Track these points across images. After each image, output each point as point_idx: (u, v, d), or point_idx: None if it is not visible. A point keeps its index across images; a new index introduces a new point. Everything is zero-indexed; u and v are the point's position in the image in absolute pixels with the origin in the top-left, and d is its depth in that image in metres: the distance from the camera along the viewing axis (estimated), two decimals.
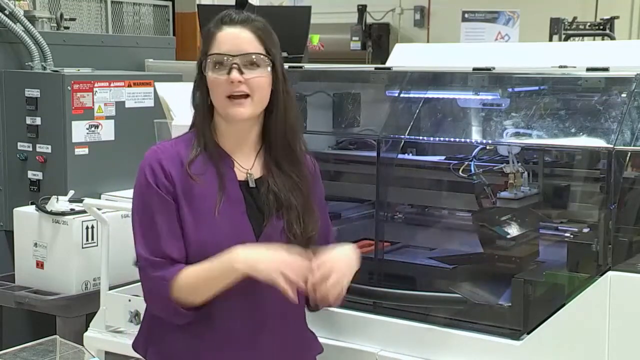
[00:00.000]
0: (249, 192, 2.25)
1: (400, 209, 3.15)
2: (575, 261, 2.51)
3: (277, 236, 2.23)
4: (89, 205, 3.55)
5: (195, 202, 2.18)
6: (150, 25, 6.38)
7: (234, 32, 2.19)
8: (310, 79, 3.25)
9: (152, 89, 4.47)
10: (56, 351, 3.43)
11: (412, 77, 2.95)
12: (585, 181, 2.80)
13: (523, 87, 2.80)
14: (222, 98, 2.18)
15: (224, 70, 2.17)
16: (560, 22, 9.24)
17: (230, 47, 2.18)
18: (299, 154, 2.30)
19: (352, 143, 3.38)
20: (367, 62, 11.40)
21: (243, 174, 2.26)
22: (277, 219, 2.24)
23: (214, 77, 2.18)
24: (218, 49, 2.18)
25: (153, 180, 2.18)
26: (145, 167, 2.21)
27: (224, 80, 2.17)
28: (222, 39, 2.19)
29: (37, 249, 3.95)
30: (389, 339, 2.60)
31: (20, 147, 4.40)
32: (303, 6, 7.82)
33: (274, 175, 2.26)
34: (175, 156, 2.22)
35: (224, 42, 2.19)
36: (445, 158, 3.07)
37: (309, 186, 2.30)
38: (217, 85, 2.18)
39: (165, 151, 2.23)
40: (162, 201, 2.17)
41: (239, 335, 2.22)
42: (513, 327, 2.48)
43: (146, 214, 2.18)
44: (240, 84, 2.16)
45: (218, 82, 2.18)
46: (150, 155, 2.22)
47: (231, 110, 2.18)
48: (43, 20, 4.90)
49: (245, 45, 2.18)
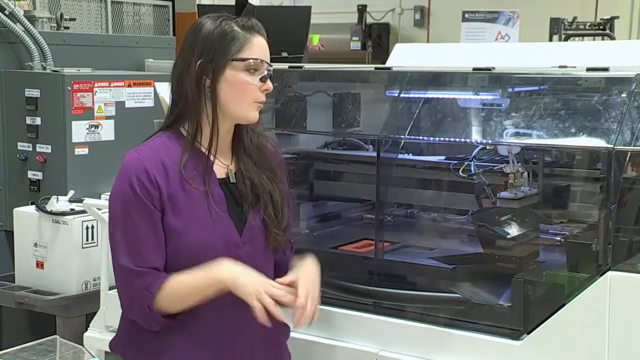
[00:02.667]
0: (228, 188, 2.28)
1: (400, 209, 3.15)
2: (575, 261, 2.51)
3: (257, 230, 2.29)
4: (89, 205, 3.54)
5: (181, 207, 2.19)
6: (150, 25, 6.37)
7: (264, 42, 2.26)
8: (310, 79, 3.25)
9: (152, 89, 4.47)
10: (56, 351, 3.43)
11: (412, 77, 2.96)
12: (585, 181, 2.80)
13: (523, 87, 2.80)
14: (250, 102, 2.23)
15: (257, 76, 2.23)
16: (560, 22, 9.25)
17: (264, 56, 2.25)
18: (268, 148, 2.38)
19: (340, 144, 3.38)
20: (367, 62, 11.41)
21: (223, 171, 2.28)
22: (256, 212, 2.28)
23: (247, 81, 2.21)
24: (254, 54, 2.22)
25: (140, 189, 2.16)
26: (130, 175, 2.18)
27: (258, 86, 2.23)
28: (257, 46, 2.23)
29: (37, 249, 3.95)
30: (389, 339, 2.60)
31: (20, 147, 4.40)
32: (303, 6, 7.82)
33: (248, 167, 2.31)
34: (159, 162, 2.20)
35: (259, 49, 2.23)
36: (445, 158, 3.07)
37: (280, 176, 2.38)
38: (249, 90, 2.22)
39: (147, 157, 2.21)
40: (147, 211, 2.17)
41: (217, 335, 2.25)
42: (513, 327, 2.48)
43: (130, 224, 2.17)
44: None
45: (251, 85, 2.22)
46: (134, 163, 2.19)
47: (253, 114, 2.25)
48: (43, 20, 4.89)
49: (269, 58, 2.27)
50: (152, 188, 2.17)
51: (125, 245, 2.18)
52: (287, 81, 3.13)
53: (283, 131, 3.23)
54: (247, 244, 2.27)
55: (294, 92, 3.18)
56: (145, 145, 2.26)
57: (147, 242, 2.17)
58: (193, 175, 2.21)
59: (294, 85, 3.17)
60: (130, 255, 2.17)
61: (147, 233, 2.17)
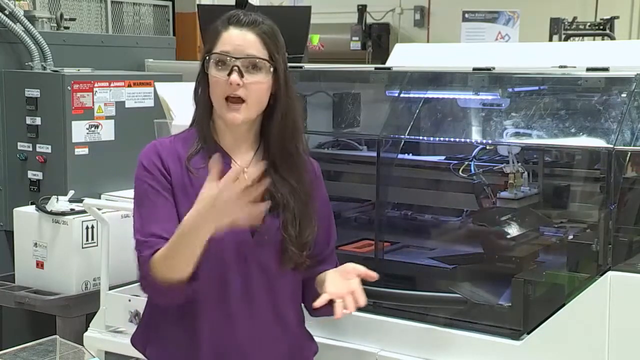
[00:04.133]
0: None
1: (400, 209, 3.15)
2: (575, 261, 2.52)
3: (272, 233, 2.23)
4: (89, 205, 3.54)
5: (192, 198, 2.17)
6: (150, 25, 6.38)
7: (240, 34, 2.20)
8: (310, 79, 3.25)
9: (152, 89, 4.46)
10: (56, 351, 3.43)
11: (412, 77, 2.96)
12: (585, 181, 2.80)
13: (523, 87, 2.80)
14: (220, 99, 2.19)
15: (226, 70, 2.18)
16: (560, 22, 9.24)
17: (233, 48, 2.18)
18: (298, 160, 2.28)
19: (334, 144, 3.38)
20: (367, 62, 11.39)
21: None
22: (272, 217, 2.23)
23: (214, 76, 2.19)
24: (222, 48, 2.19)
25: (151, 168, 2.20)
26: (143, 158, 2.24)
27: (224, 81, 2.17)
28: (227, 39, 2.20)
29: (37, 249, 3.95)
30: (389, 339, 2.61)
31: (20, 147, 4.40)
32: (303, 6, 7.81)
33: (270, 175, 2.21)
34: (174, 152, 2.23)
35: (228, 42, 2.19)
36: (445, 158, 3.07)
37: (308, 192, 2.29)
38: (217, 84, 2.19)
39: (164, 146, 2.26)
40: (159, 187, 2.19)
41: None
42: (513, 327, 2.48)
43: (143, 200, 2.20)
44: (238, 87, 2.16)
45: (218, 81, 2.18)
46: (149, 149, 2.25)
47: (227, 114, 2.19)
48: (43, 20, 4.89)
49: (248, 49, 2.19)
50: (163, 169, 2.20)
51: (140, 219, 2.19)
52: None
53: None
54: (259, 246, 2.23)
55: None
56: (168, 137, 2.33)
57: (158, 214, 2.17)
58: (203, 168, 2.17)
59: (294, 86, 3.16)
60: (140, 227, 2.18)
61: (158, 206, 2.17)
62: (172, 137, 2.34)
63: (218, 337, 2.23)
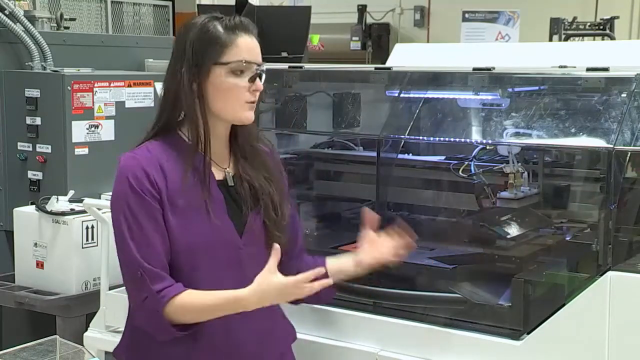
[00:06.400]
0: (227, 190, 2.26)
1: (400, 209, 3.15)
2: (575, 261, 2.52)
3: (258, 231, 2.27)
4: (89, 205, 3.54)
5: (179, 206, 2.18)
6: (150, 25, 6.37)
7: (251, 41, 2.22)
8: (310, 79, 3.25)
9: (152, 89, 4.47)
10: (56, 351, 3.43)
11: (412, 77, 2.96)
12: (585, 181, 2.80)
13: (523, 87, 2.80)
14: (239, 103, 2.20)
15: (245, 77, 2.19)
16: (560, 22, 9.24)
17: (253, 56, 2.21)
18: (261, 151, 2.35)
19: (330, 144, 3.38)
20: (367, 62, 11.40)
21: (220, 174, 2.27)
22: (256, 214, 2.27)
23: (233, 82, 2.18)
24: (240, 56, 2.18)
25: (138, 187, 2.15)
26: (127, 174, 2.17)
27: (246, 87, 2.19)
28: (243, 46, 2.19)
29: (37, 249, 3.95)
30: (389, 339, 2.60)
31: (20, 147, 4.40)
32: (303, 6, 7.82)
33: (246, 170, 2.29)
34: (156, 162, 2.19)
35: (246, 50, 2.19)
36: (445, 158, 3.07)
37: (276, 176, 2.36)
38: (237, 91, 2.19)
39: (144, 157, 2.20)
40: (150, 208, 2.15)
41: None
42: (513, 327, 2.48)
43: (135, 221, 2.15)
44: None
45: (239, 87, 2.19)
46: (130, 162, 2.19)
47: (246, 114, 2.22)
48: (43, 20, 4.89)
49: (258, 56, 2.23)
50: (150, 186, 2.16)
51: (133, 242, 2.15)
52: (287, 81, 3.13)
53: (283, 131, 3.24)
54: (248, 246, 2.26)
55: (294, 92, 3.18)
56: (141, 148, 2.25)
57: (153, 238, 2.15)
58: (192, 181, 2.20)
59: (294, 85, 3.17)
60: (140, 252, 2.14)
61: (152, 229, 2.15)
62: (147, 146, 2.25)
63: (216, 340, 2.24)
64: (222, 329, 2.22)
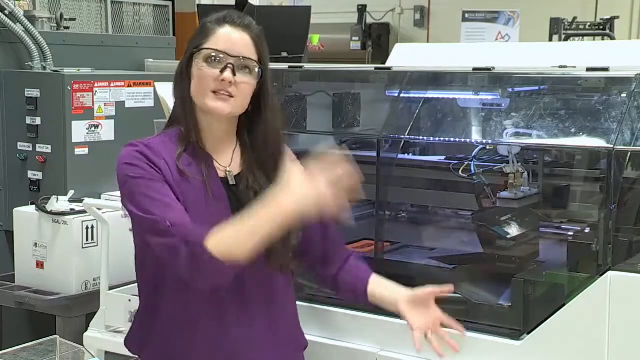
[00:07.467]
0: (229, 189, 2.25)
1: (401, 209, 3.15)
2: (575, 261, 2.51)
3: None
4: (89, 205, 3.55)
5: (180, 195, 2.17)
6: (150, 25, 6.38)
7: (235, 33, 2.21)
8: (310, 79, 3.25)
9: (152, 89, 4.47)
10: (56, 351, 3.43)
11: (412, 77, 2.95)
12: (585, 181, 2.80)
13: (523, 87, 2.80)
14: (206, 91, 2.18)
15: (217, 67, 2.18)
16: (560, 22, 9.25)
17: (229, 47, 2.19)
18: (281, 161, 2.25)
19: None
20: (367, 62, 11.40)
21: (222, 172, 2.26)
22: None
23: (204, 70, 2.18)
24: (216, 45, 2.19)
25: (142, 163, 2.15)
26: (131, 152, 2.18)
27: (215, 76, 2.17)
28: (222, 37, 2.20)
29: (37, 249, 3.95)
30: (389, 339, 2.60)
31: (20, 147, 4.40)
32: (303, 6, 7.82)
33: (255, 175, 2.26)
34: (160, 151, 2.19)
35: (223, 40, 2.19)
36: (445, 158, 3.07)
37: None
38: (205, 78, 2.18)
39: (148, 145, 2.21)
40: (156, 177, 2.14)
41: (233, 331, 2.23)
42: (513, 327, 2.48)
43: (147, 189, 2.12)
44: (230, 84, 2.17)
45: (207, 75, 2.17)
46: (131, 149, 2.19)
47: (212, 103, 2.17)
48: (43, 20, 4.89)
49: (243, 49, 2.20)
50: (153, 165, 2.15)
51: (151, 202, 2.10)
52: (287, 81, 3.13)
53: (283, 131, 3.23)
54: None
55: (294, 92, 3.18)
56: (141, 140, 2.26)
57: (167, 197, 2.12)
58: (190, 168, 2.19)
59: (294, 85, 3.17)
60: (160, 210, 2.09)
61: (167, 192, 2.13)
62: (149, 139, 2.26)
63: (213, 346, 2.23)
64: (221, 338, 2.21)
